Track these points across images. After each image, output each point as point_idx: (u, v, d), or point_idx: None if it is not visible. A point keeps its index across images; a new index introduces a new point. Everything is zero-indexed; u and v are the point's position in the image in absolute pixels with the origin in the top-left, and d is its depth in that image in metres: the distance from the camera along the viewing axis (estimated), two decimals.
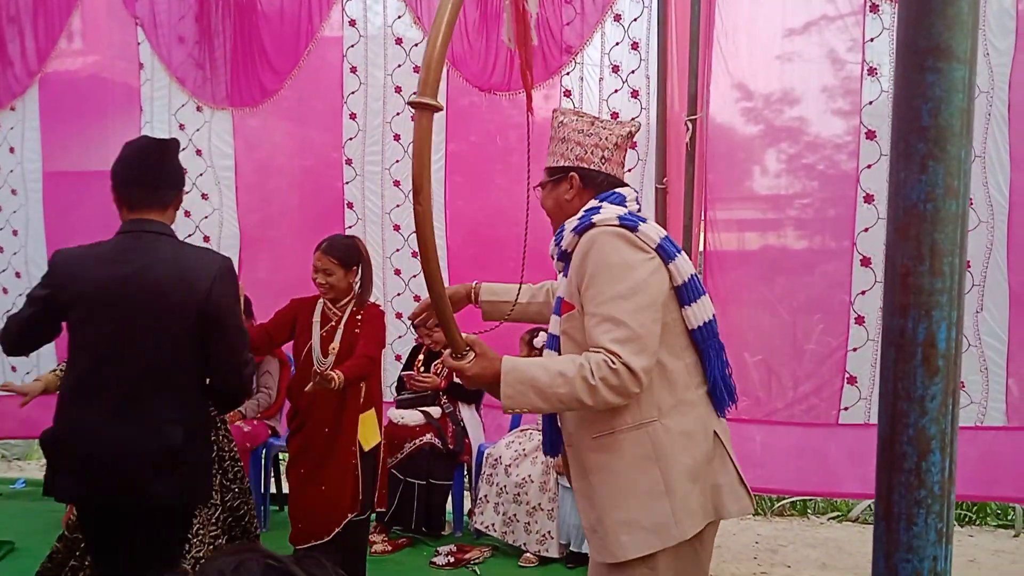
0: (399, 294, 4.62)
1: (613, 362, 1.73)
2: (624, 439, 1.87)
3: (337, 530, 3.20)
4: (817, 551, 4.31)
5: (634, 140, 4.09)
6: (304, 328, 3.31)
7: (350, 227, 4.57)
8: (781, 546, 4.40)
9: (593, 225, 1.88)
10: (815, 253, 4.04)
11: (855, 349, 3.80)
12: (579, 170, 2.00)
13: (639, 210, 1.99)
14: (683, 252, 1.91)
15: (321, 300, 3.33)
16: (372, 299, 3.39)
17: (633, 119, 4.08)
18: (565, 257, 1.98)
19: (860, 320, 3.78)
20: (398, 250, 4.59)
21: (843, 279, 3.82)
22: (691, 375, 1.91)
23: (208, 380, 2.40)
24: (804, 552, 4.29)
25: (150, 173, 2.36)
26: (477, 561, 3.94)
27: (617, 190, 1.99)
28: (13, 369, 5.21)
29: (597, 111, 4.17)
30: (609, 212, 1.90)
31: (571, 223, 1.95)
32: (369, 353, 3.20)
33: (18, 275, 5.11)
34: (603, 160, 2.00)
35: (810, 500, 5.08)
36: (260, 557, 0.73)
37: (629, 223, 1.86)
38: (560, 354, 1.94)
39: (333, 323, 3.28)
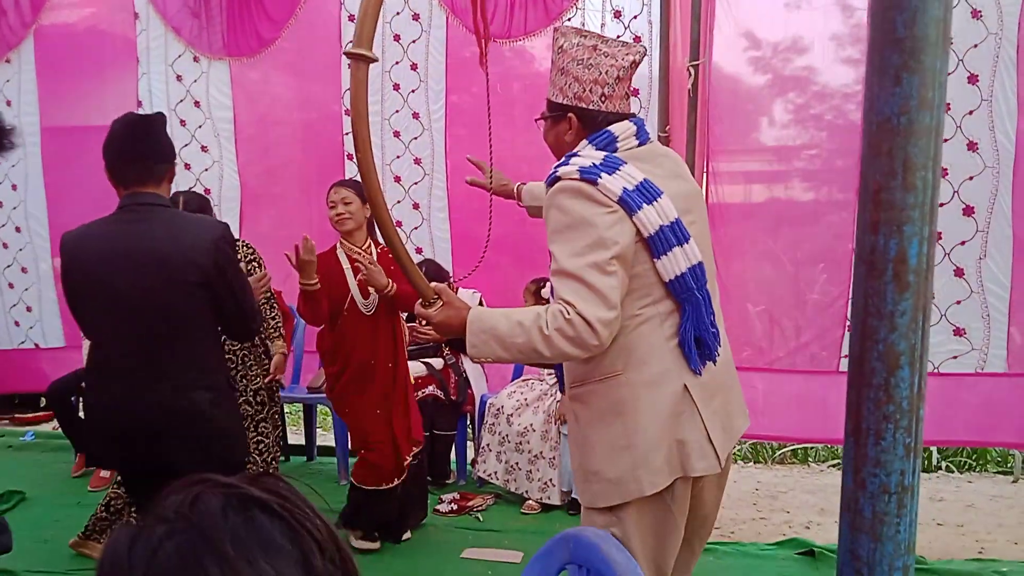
0: None
1: (568, 312, 1.71)
2: (592, 391, 1.89)
3: (411, 460, 3.51)
4: (816, 497, 4.35)
5: (635, 88, 4.06)
6: (337, 279, 3.41)
7: (350, 178, 4.55)
8: (781, 492, 4.44)
9: (559, 179, 1.84)
10: (821, 204, 4.02)
11: None
12: (577, 110, 1.90)
13: (639, 144, 1.90)
14: (660, 199, 1.79)
15: (340, 249, 3.43)
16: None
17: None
18: None
19: None
20: (399, 201, 4.56)
21: (848, 229, 3.79)
22: (664, 327, 1.84)
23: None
24: (803, 498, 4.33)
25: (139, 149, 2.40)
26: (480, 508, 3.99)
27: (609, 128, 1.89)
28: (16, 324, 5.25)
29: None
30: (574, 163, 1.83)
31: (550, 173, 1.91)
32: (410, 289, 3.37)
33: (18, 230, 5.12)
34: (603, 98, 1.88)
35: (811, 448, 5.11)
36: (214, 486, 0.70)
37: (589, 175, 1.78)
38: None
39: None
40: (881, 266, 0.69)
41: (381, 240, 3.36)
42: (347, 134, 4.55)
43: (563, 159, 1.89)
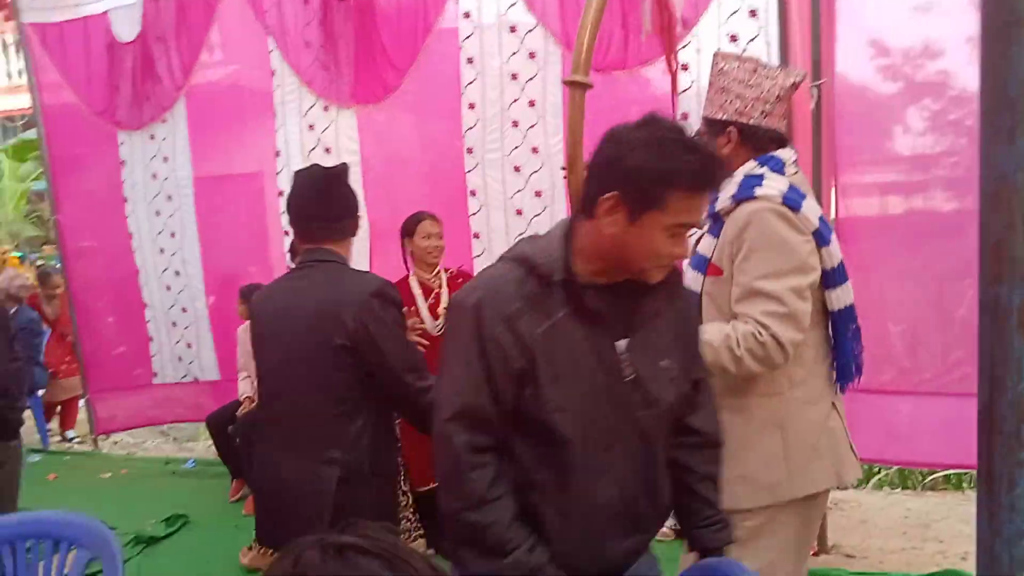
0: None
1: (761, 334, 1.81)
2: (754, 404, 1.98)
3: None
4: (972, 526, 4.07)
5: None
6: (410, 300, 3.68)
7: (473, 214, 4.68)
8: (934, 521, 4.19)
9: (755, 198, 1.90)
10: (966, 214, 3.79)
11: None
12: (738, 125, 1.97)
13: (796, 173, 2.00)
14: (832, 235, 1.96)
15: (413, 279, 3.74)
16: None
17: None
18: (716, 217, 2.00)
19: None
20: (520, 234, 4.65)
21: None
22: (818, 350, 2.00)
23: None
24: (958, 527, 4.07)
25: (325, 205, 2.33)
26: None
27: (776, 154, 1.98)
28: (180, 359, 5.67)
29: None
30: (772, 186, 1.90)
31: (729, 187, 1.95)
32: None
33: (177, 273, 5.56)
34: (763, 115, 1.96)
35: (965, 474, 4.79)
36: (313, 544, 0.76)
37: (792, 203, 1.88)
38: (700, 314, 2.00)
39: (436, 290, 3.74)
40: (1005, 316, 0.69)
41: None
42: (469, 171, 4.69)
43: (751, 180, 1.95)
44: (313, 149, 4.98)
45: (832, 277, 1.95)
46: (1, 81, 10.92)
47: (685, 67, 4.13)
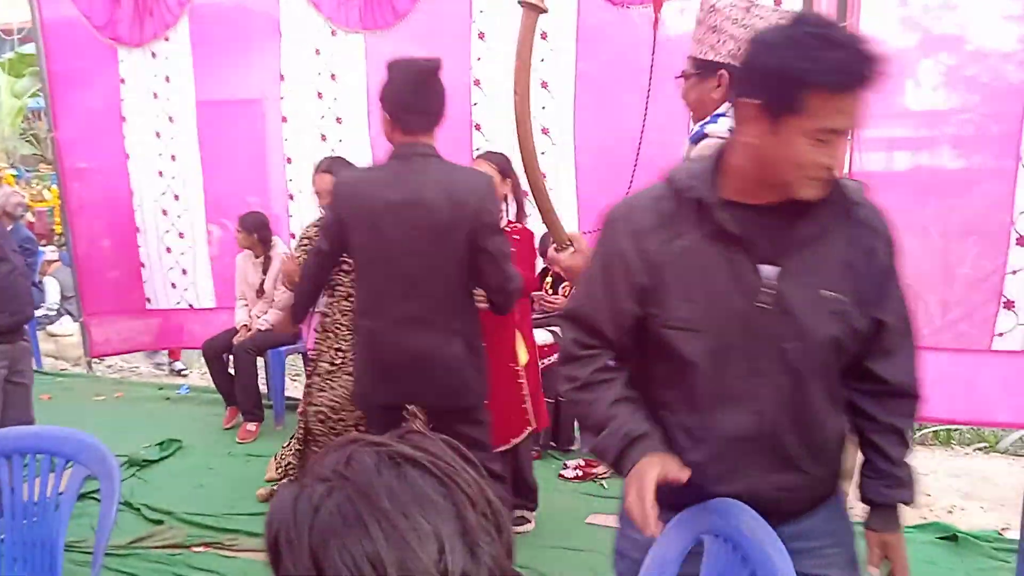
0: (527, 216, 4.64)
1: None
2: None
3: (505, 447, 3.28)
4: (960, 481, 4.14)
5: None
6: None
7: (477, 149, 4.61)
8: (922, 475, 4.23)
9: (705, 136, 1.79)
10: (973, 172, 3.76)
11: (1014, 272, 3.55)
12: (730, 68, 1.81)
13: None
14: None
15: None
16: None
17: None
18: None
19: (1022, 241, 3.52)
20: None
21: (1004, 199, 3.55)
22: None
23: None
24: (947, 481, 4.13)
25: (424, 98, 2.45)
26: (605, 475, 4.03)
27: None
28: (173, 286, 5.65)
29: None
30: (724, 124, 1.76)
31: (694, 129, 1.86)
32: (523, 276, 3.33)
33: (176, 197, 5.49)
34: None
35: (955, 430, 4.85)
36: (367, 445, 0.73)
37: None
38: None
39: None
40: None
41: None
42: (475, 105, 4.61)
43: (710, 118, 1.84)
44: (319, 75, 4.88)
45: None
46: None
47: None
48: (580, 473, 4.06)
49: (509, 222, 3.43)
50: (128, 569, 3.20)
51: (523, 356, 3.44)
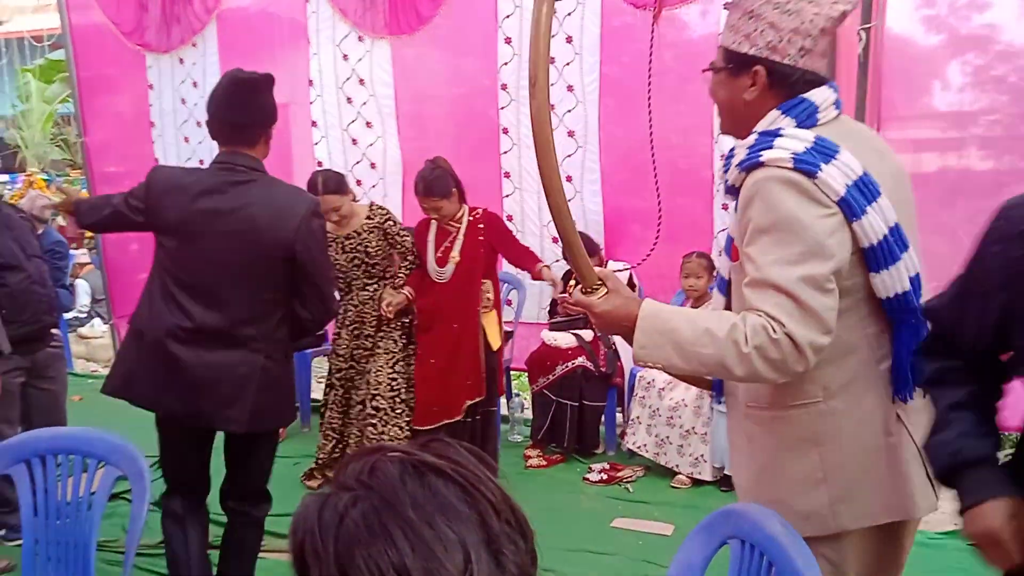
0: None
1: (774, 330, 1.42)
2: (781, 417, 1.61)
3: (463, 415, 3.83)
4: None
5: None
6: (422, 246, 3.90)
7: (505, 152, 4.63)
8: None
9: (761, 164, 1.49)
10: (1003, 174, 3.71)
11: None
12: (768, 63, 1.54)
13: (836, 117, 1.59)
14: (880, 199, 1.48)
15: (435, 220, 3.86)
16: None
17: None
18: (733, 191, 1.62)
19: None
20: None
21: None
22: (873, 349, 1.56)
23: (297, 310, 2.54)
24: None
25: (235, 111, 2.44)
26: (630, 480, 4.02)
27: (808, 96, 1.55)
28: None
29: None
30: (785, 146, 1.49)
31: (740, 152, 1.57)
32: (522, 250, 3.97)
33: None
34: (802, 51, 1.52)
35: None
36: (390, 454, 0.73)
37: (807, 167, 1.45)
38: (730, 302, 1.68)
39: (453, 234, 3.83)
40: None
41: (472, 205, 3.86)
42: (502, 108, 4.62)
43: (759, 138, 1.55)
44: (348, 80, 4.92)
45: (873, 257, 1.48)
46: (28, 0, 10.82)
47: (728, 6, 4.01)
48: (605, 477, 4.06)
49: (472, 208, 3.89)
50: (158, 569, 3.23)
51: (496, 340, 3.96)
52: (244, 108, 2.45)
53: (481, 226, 3.86)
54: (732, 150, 1.62)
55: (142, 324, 2.53)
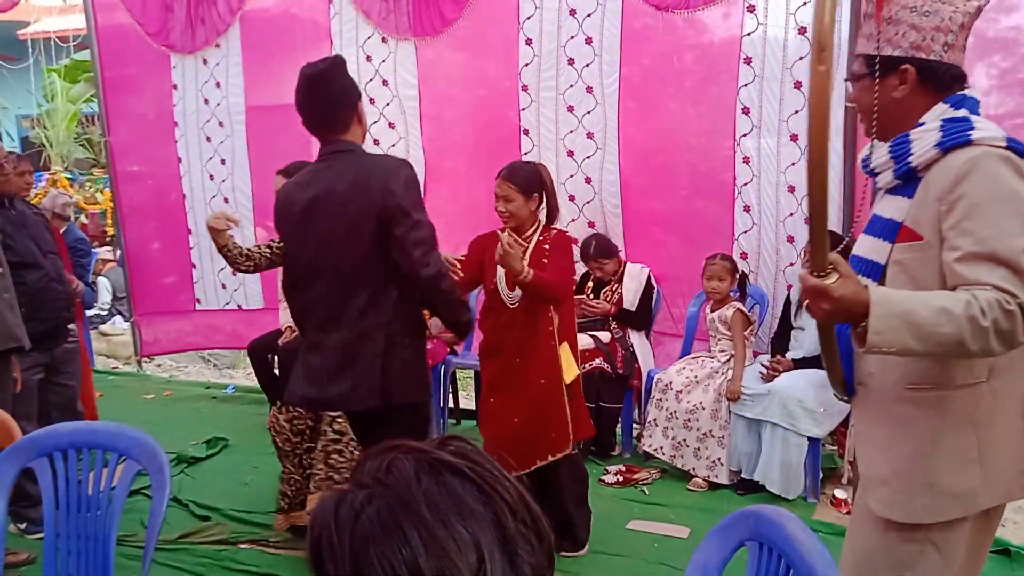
0: (573, 220, 4.65)
1: (1008, 302, 1.46)
2: (946, 398, 1.65)
3: (541, 464, 3.13)
4: None
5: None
6: (490, 262, 3.13)
7: (526, 153, 4.62)
8: None
9: (971, 143, 1.57)
10: None
11: None
12: (915, 61, 1.63)
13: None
14: None
15: (504, 232, 3.11)
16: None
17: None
18: (909, 174, 1.65)
19: None
20: (571, 176, 4.60)
21: None
22: None
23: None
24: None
25: (317, 104, 2.51)
26: (646, 482, 4.01)
27: (968, 93, 1.66)
28: (223, 287, 5.75)
29: (783, 25, 3.94)
30: (989, 129, 1.59)
31: (928, 136, 1.62)
32: (557, 277, 3.08)
33: (226, 200, 5.59)
34: (945, 47, 1.62)
35: None
36: (406, 451, 0.73)
37: (1019, 147, 1.57)
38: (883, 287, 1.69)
39: (523, 250, 3.11)
40: None
41: (546, 229, 3.16)
42: (523, 109, 4.62)
43: (955, 125, 1.61)
44: (371, 81, 4.94)
45: None
46: (55, 1, 10.95)
47: (751, 8, 4.00)
48: (621, 479, 4.04)
49: (545, 227, 3.22)
50: (177, 564, 3.27)
51: (569, 372, 3.18)
52: (323, 99, 2.50)
53: (546, 247, 3.15)
54: (902, 139, 1.65)
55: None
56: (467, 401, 5.43)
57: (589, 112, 4.47)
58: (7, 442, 2.20)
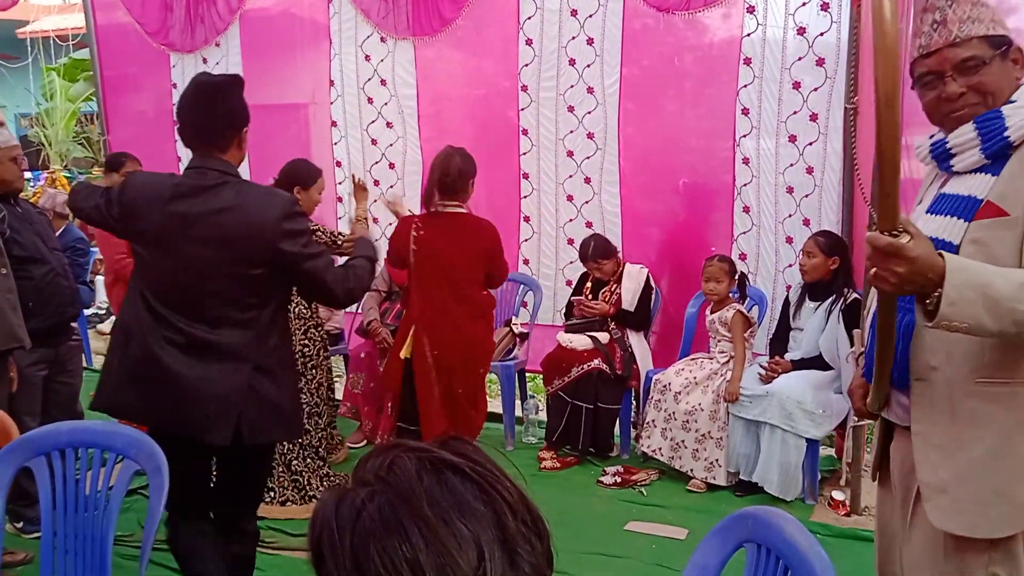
0: (571, 220, 4.65)
1: None
2: (1021, 394, 1.53)
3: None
4: None
5: (821, 57, 3.85)
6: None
7: (524, 153, 4.63)
8: None
9: None
10: None
11: None
12: (1011, 40, 1.62)
13: None
14: None
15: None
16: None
17: (822, 34, 3.84)
18: (1000, 152, 1.57)
19: None
20: (571, 176, 4.60)
21: None
22: None
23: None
24: None
25: (202, 115, 2.37)
26: (644, 483, 4.00)
27: None
28: None
29: (783, 26, 3.95)
30: None
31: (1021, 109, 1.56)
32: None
33: None
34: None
35: None
36: (407, 450, 0.74)
37: None
38: None
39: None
40: None
41: None
42: (522, 110, 4.62)
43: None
44: (369, 80, 4.94)
45: None
46: (54, 0, 10.95)
47: (751, 9, 4.01)
48: (619, 480, 4.04)
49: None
50: (174, 564, 3.25)
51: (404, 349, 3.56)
52: (210, 112, 2.37)
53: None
54: (994, 115, 1.59)
55: (126, 333, 2.43)
56: None
57: (589, 112, 4.47)
58: (5, 441, 2.20)
